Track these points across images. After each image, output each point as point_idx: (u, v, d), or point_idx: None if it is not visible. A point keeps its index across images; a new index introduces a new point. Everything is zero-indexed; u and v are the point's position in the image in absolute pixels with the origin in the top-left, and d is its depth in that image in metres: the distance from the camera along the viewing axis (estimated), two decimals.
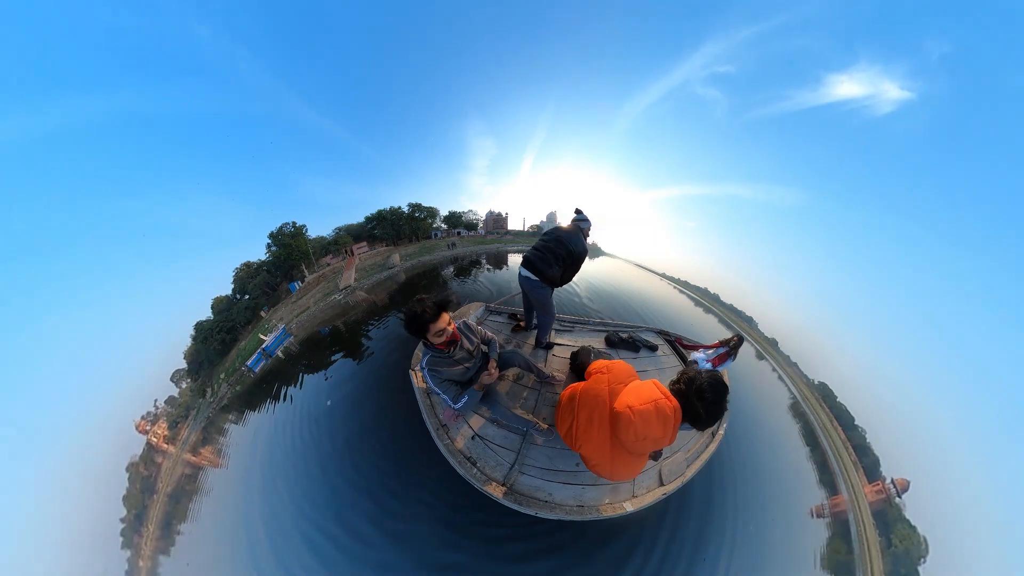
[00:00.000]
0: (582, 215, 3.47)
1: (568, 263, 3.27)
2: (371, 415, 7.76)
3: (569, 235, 3.29)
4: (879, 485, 18.00)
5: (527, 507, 2.68)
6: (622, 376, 2.17)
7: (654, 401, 1.84)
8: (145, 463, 16.89)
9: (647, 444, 1.88)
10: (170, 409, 19.37)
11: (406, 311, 2.30)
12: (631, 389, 2.02)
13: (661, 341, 4.72)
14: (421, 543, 5.03)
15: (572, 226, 3.41)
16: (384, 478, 6.13)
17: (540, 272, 3.23)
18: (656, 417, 1.81)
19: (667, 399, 1.83)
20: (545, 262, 3.21)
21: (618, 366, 2.29)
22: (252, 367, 15.94)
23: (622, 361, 2.46)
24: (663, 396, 1.85)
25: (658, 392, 1.89)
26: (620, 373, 2.20)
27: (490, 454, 3.04)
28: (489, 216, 42.13)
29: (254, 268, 23.26)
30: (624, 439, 1.93)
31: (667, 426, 1.80)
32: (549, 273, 3.21)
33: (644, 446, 1.90)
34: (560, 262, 3.23)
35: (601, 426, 2.03)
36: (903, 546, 15.58)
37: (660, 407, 1.81)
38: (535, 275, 3.26)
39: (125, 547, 13.56)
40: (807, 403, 21.21)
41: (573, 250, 3.25)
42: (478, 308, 4.72)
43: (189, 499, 12.02)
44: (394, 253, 27.53)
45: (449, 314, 2.38)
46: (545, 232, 3.40)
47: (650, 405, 1.83)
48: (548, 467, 2.92)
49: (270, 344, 16.73)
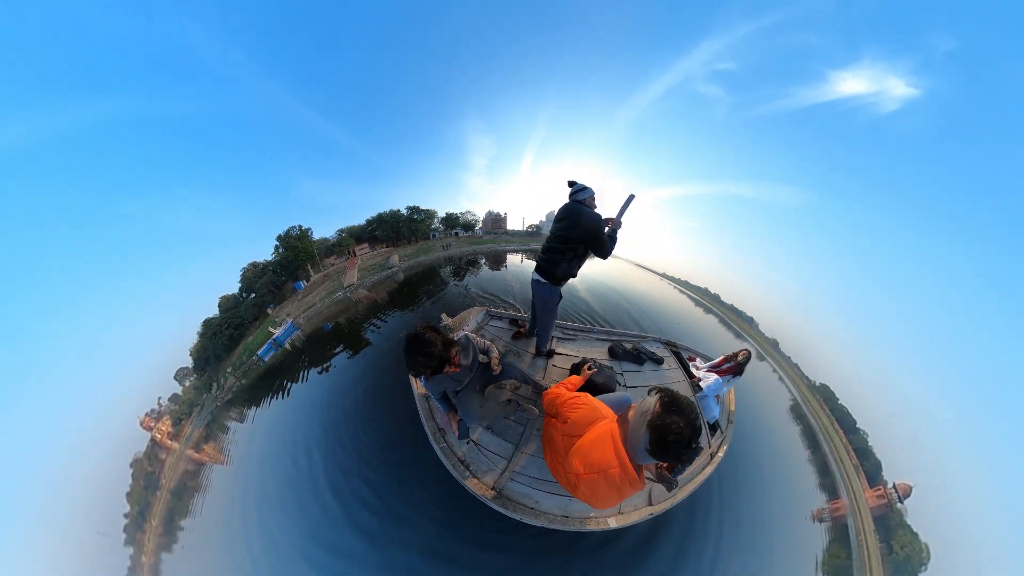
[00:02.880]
0: (576, 185, 3.19)
1: (584, 239, 3.03)
2: (371, 413, 7.81)
3: (572, 215, 3.05)
4: (881, 490, 17.90)
5: (513, 512, 2.78)
6: (577, 427, 2.02)
7: (603, 471, 1.76)
8: (149, 459, 17.12)
9: (598, 503, 1.88)
10: (173, 406, 19.63)
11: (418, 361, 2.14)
12: (583, 448, 1.90)
13: (668, 353, 4.59)
14: (417, 540, 5.10)
15: (570, 203, 3.17)
16: (383, 476, 6.20)
17: (549, 273, 3.18)
18: (604, 486, 1.78)
19: (619, 469, 1.71)
20: (551, 262, 3.13)
21: (575, 411, 2.10)
22: (262, 356, 16.83)
23: (580, 394, 2.27)
24: (616, 466, 1.72)
25: (610, 458, 1.75)
26: (576, 423, 2.04)
27: (483, 459, 3.12)
28: (488, 216, 42.15)
29: (260, 268, 24.39)
30: (577, 494, 1.96)
31: (619, 490, 1.76)
32: (559, 271, 3.13)
33: (596, 503, 1.90)
34: (571, 252, 3.07)
35: (560, 470, 2.06)
36: (904, 553, 15.52)
37: (609, 478, 1.75)
38: (544, 277, 3.20)
39: (128, 543, 13.74)
40: (808, 405, 21.16)
41: (584, 224, 3.00)
42: (479, 313, 4.68)
43: (192, 496, 12.17)
44: (394, 254, 28.75)
45: (455, 348, 2.32)
46: (554, 228, 3.21)
47: (597, 476, 1.78)
48: (538, 476, 2.98)
49: (280, 335, 17.77)
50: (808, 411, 20.20)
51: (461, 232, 38.05)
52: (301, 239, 25.40)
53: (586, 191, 3.15)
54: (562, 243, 3.08)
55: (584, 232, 3.00)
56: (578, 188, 3.15)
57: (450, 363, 2.25)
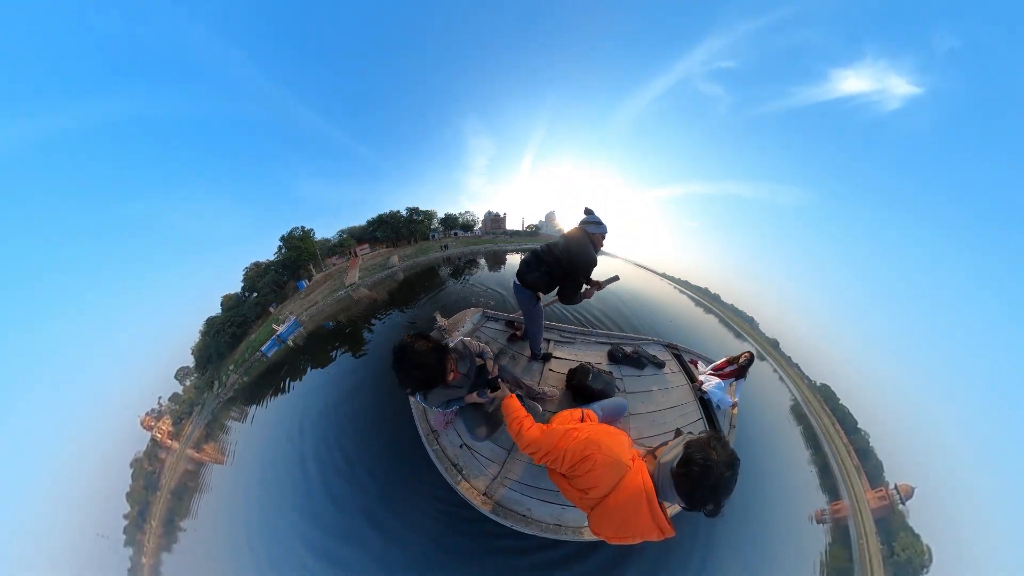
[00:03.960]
0: (592, 216, 2.96)
1: (566, 271, 2.88)
2: (370, 412, 7.80)
3: (571, 241, 2.89)
4: (882, 491, 17.82)
5: (505, 519, 2.73)
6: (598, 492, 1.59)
7: (636, 536, 1.53)
8: (149, 459, 17.17)
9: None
10: (174, 406, 19.71)
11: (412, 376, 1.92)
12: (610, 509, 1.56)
13: (669, 356, 4.50)
14: (412, 541, 5.09)
15: (578, 231, 2.95)
16: (380, 475, 6.19)
17: (522, 277, 3.14)
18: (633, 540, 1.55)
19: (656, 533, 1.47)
20: (528, 265, 3.06)
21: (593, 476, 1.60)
22: (266, 352, 17.22)
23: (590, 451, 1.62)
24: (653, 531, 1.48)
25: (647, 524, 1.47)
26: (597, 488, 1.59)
27: (476, 464, 3.08)
28: (487, 216, 42.30)
29: (263, 268, 24.96)
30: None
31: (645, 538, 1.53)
32: (528, 278, 3.06)
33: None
34: (547, 267, 2.94)
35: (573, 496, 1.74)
36: (905, 555, 15.45)
37: (643, 537, 1.52)
38: (519, 279, 3.17)
39: (128, 544, 13.77)
40: (809, 405, 21.04)
41: (574, 257, 2.83)
42: (474, 314, 4.61)
43: (191, 496, 12.19)
44: (394, 254, 29.51)
45: (450, 357, 2.11)
46: (553, 243, 3.09)
47: (629, 539, 1.55)
48: (531, 484, 2.94)
49: (284, 331, 18.20)
50: (809, 411, 20.11)
51: (460, 232, 38.32)
52: (304, 240, 26.13)
53: (600, 227, 2.96)
54: (547, 258, 2.96)
55: (572, 268, 2.88)
56: (593, 220, 2.96)
57: (446, 374, 2.04)
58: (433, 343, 1.99)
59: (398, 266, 27.15)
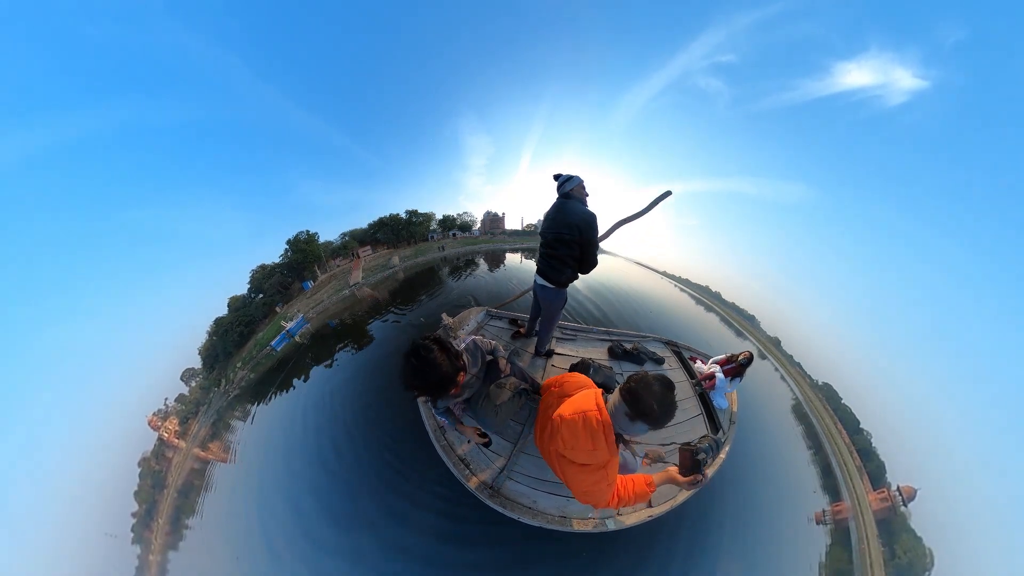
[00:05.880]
0: (561, 177, 2.91)
1: (583, 246, 2.83)
2: (373, 410, 7.85)
3: (565, 214, 2.82)
4: (884, 492, 17.69)
5: (511, 511, 2.81)
6: (569, 388, 2.22)
7: (583, 412, 1.84)
8: (156, 458, 17.35)
9: (578, 454, 1.89)
10: (180, 407, 19.94)
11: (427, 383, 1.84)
12: (571, 400, 2.00)
13: (668, 352, 4.60)
14: (416, 536, 5.17)
15: (559, 202, 2.91)
16: (383, 473, 6.27)
17: (555, 280, 3.08)
18: (583, 429, 1.82)
19: (597, 411, 1.82)
20: (555, 269, 3.01)
21: (571, 380, 2.31)
22: (275, 347, 18.15)
23: (576, 374, 2.49)
24: (594, 409, 1.84)
25: (591, 404, 1.87)
26: (568, 386, 2.25)
27: (482, 458, 3.18)
28: (486, 216, 42.42)
29: (269, 270, 25.75)
30: (554, 448, 1.98)
31: (596, 439, 1.79)
32: (563, 278, 3.04)
33: (577, 456, 1.90)
34: (571, 260, 2.91)
35: (543, 438, 2.10)
36: (907, 558, 15.36)
37: (588, 419, 1.82)
38: (549, 282, 3.12)
39: (136, 542, 13.92)
40: (810, 405, 20.92)
41: (582, 229, 2.76)
42: (479, 313, 4.68)
43: (197, 493, 12.34)
44: (394, 255, 30.62)
45: (462, 359, 2.06)
46: (544, 229, 3.04)
47: (577, 416, 1.85)
48: (537, 476, 3.02)
49: (292, 327, 19.16)
50: (810, 411, 20.01)
51: (457, 233, 38.71)
52: (309, 243, 27.19)
53: (572, 180, 2.86)
54: (556, 247, 2.92)
55: (574, 233, 2.77)
56: (563, 179, 2.88)
57: (458, 378, 1.96)
58: (448, 351, 1.91)
59: (398, 266, 28.24)
